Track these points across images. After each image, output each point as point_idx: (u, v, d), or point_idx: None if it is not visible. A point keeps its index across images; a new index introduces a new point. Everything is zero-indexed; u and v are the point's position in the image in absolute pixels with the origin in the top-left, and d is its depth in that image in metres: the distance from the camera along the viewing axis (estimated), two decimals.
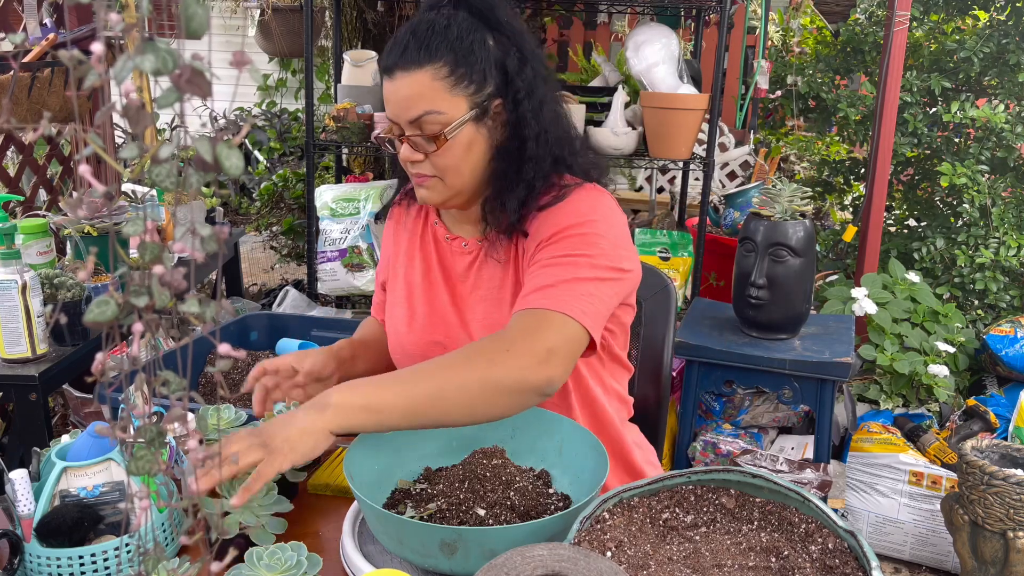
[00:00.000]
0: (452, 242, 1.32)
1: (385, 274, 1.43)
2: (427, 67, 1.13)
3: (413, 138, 1.16)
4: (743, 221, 2.44)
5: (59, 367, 1.79)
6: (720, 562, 0.85)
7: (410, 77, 1.13)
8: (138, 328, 0.45)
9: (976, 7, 3.41)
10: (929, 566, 2.41)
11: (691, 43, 3.85)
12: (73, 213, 1.67)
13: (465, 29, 1.15)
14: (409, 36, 1.14)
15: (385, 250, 1.44)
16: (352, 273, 2.73)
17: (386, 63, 1.16)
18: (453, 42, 1.13)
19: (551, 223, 1.19)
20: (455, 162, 1.17)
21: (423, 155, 1.17)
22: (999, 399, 2.69)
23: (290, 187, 4.57)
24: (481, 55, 1.15)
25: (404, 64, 1.13)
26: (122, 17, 0.42)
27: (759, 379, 2.36)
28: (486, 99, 1.17)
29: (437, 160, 1.17)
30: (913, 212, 3.69)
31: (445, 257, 1.32)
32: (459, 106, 1.15)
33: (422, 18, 1.16)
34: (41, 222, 2.00)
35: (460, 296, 1.29)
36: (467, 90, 1.15)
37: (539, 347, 1.04)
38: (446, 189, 1.20)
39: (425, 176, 1.19)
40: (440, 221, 1.34)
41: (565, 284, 1.11)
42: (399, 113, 1.16)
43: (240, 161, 0.42)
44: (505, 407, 1.05)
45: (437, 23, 1.14)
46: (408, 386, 1.01)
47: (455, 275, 1.31)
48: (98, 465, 1.01)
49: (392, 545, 0.94)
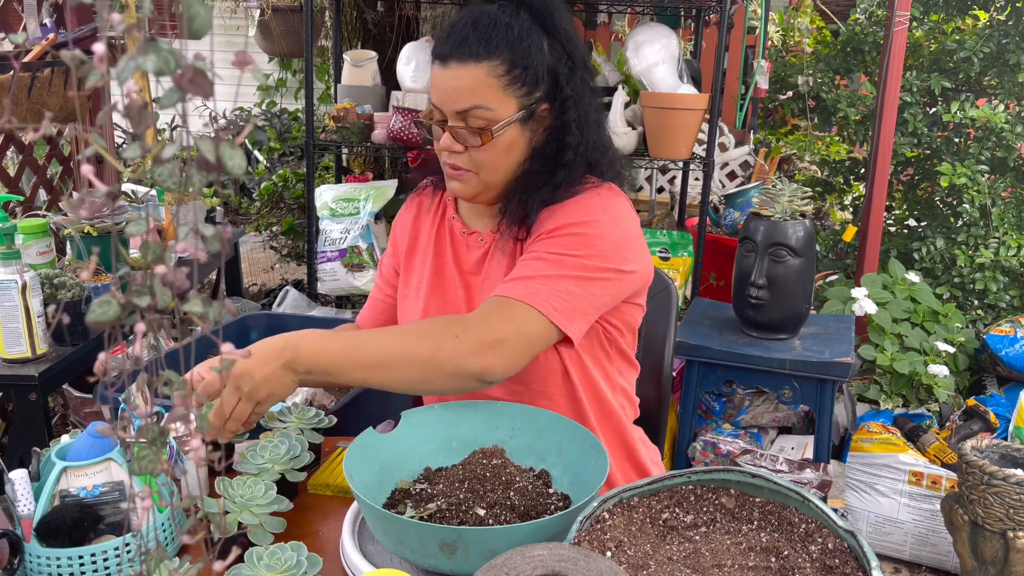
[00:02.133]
0: (469, 237, 1.31)
1: (394, 260, 1.41)
2: (485, 62, 1.12)
3: (457, 129, 1.16)
4: (743, 221, 2.44)
5: (59, 367, 1.79)
6: (720, 562, 0.85)
7: (466, 69, 1.13)
8: (140, 328, 0.45)
9: (976, 7, 3.41)
10: (929, 566, 2.41)
11: (691, 43, 3.85)
12: (74, 213, 1.67)
13: (525, 30, 1.14)
14: (470, 27, 1.13)
15: (398, 239, 1.41)
16: (352, 273, 2.73)
17: (442, 50, 1.15)
18: (513, 41, 1.13)
19: (554, 218, 1.19)
20: (494, 160, 1.17)
21: (463, 147, 1.17)
22: (999, 399, 2.69)
23: (290, 187, 4.57)
24: (537, 58, 1.15)
25: (461, 55, 1.13)
26: (123, 17, 0.42)
27: (759, 379, 2.36)
28: (535, 102, 1.17)
29: (478, 155, 1.17)
30: (913, 212, 3.69)
31: (460, 251, 1.32)
32: (509, 106, 1.15)
33: (484, 11, 1.15)
34: (41, 222, 2.00)
35: (473, 289, 1.29)
36: (519, 91, 1.15)
37: (489, 336, 1.08)
38: (479, 184, 1.20)
39: (461, 169, 1.19)
40: (457, 215, 1.34)
41: (544, 279, 1.12)
42: (447, 102, 1.15)
43: (243, 161, 0.42)
44: (442, 387, 1.11)
45: (499, 19, 1.14)
46: (360, 349, 1.07)
47: (468, 268, 1.31)
48: (98, 465, 1.01)
49: (392, 545, 0.94)
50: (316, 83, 3.61)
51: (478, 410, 1.16)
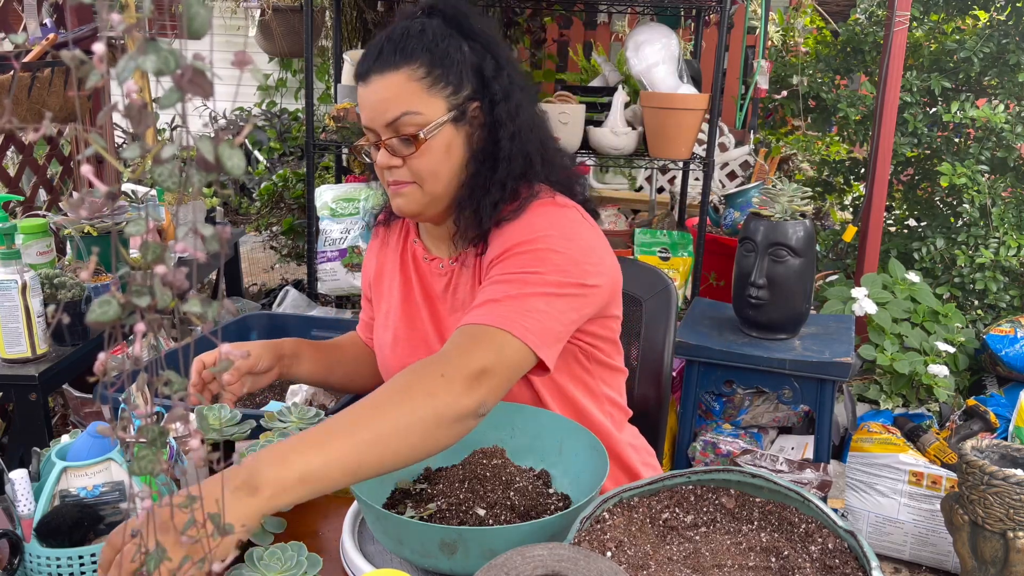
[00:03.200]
0: (431, 263, 1.30)
1: (369, 292, 1.42)
2: (403, 68, 1.13)
3: (389, 142, 1.15)
4: (743, 221, 2.44)
5: (59, 367, 1.79)
6: (720, 562, 0.85)
7: (385, 80, 1.13)
8: (140, 328, 0.45)
9: (976, 7, 3.41)
10: (929, 566, 2.41)
11: (691, 43, 3.85)
12: (74, 213, 1.66)
13: (440, 34, 1.15)
14: (383, 41, 1.14)
15: (367, 268, 1.42)
16: (352, 273, 2.73)
17: (361, 69, 1.16)
18: (428, 44, 1.13)
19: (502, 240, 1.16)
20: (433, 165, 1.16)
21: (401, 160, 1.16)
22: (999, 399, 2.69)
23: (290, 187, 4.57)
24: (457, 58, 1.15)
25: (379, 67, 1.13)
26: (123, 17, 0.42)
27: (759, 379, 2.36)
28: (463, 101, 1.16)
29: (415, 163, 1.15)
30: (913, 212, 3.70)
31: (425, 277, 1.31)
32: (437, 107, 1.14)
33: (396, 25, 1.17)
34: (41, 222, 2.00)
35: (440, 316, 1.29)
36: (444, 91, 1.14)
37: (473, 367, 0.98)
38: (423, 196, 1.18)
39: (402, 183, 1.18)
40: (419, 240, 1.33)
41: (510, 300, 1.06)
42: (375, 117, 1.15)
43: (242, 161, 0.42)
44: (447, 439, 0.97)
45: (411, 28, 1.15)
46: (344, 441, 0.88)
47: (435, 295, 1.30)
48: (98, 465, 1.01)
49: (392, 545, 0.94)
50: (316, 83, 3.61)
51: None
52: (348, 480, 0.89)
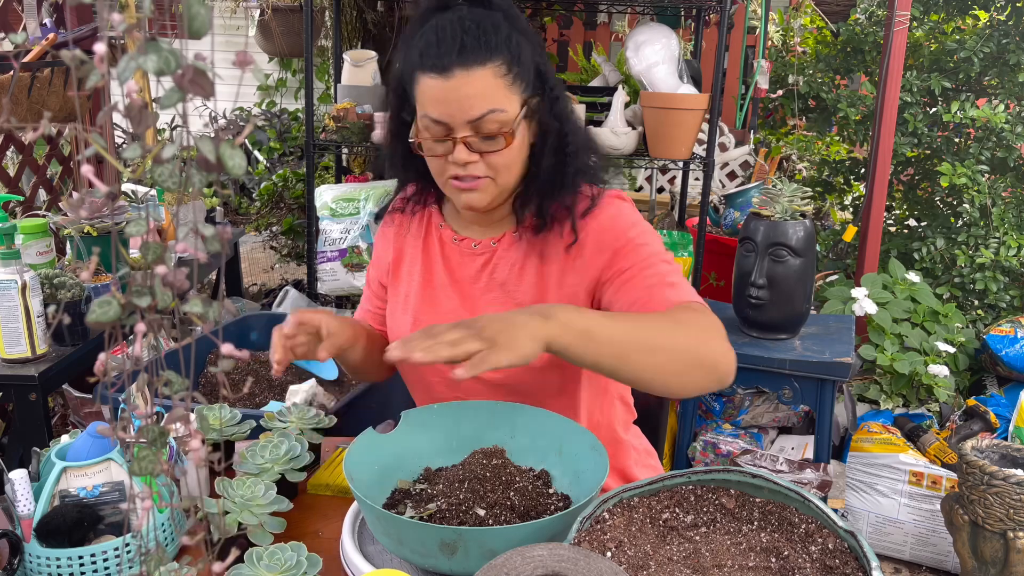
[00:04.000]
0: (461, 243, 1.30)
1: (382, 279, 1.40)
2: (488, 64, 1.11)
3: (470, 139, 1.13)
4: (743, 221, 2.44)
5: (59, 367, 1.79)
6: (720, 562, 0.85)
7: (471, 75, 1.10)
8: (141, 328, 0.45)
9: (976, 7, 3.41)
10: (929, 566, 2.41)
11: (691, 43, 3.85)
12: (74, 213, 1.67)
13: (510, 29, 1.14)
14: (461, 32, 1.11)
15: (381, 255, 1.40)
16: (352, 273, 2.73)
17: (438, 61, 1.10)
18: (505, 39, 1.12)
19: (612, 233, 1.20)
20: (511, 160, 1.16)
21: (478, 155, 1.15)
22: (999, 399, 2.69)
23: (290, 187, 4.57)
24: (525, 54, 1.15)
25: (463, 61, 1.10)
26: (123, 17, 0.42)
27: (759, 379, 2.36)
28: (530, 96, 1.17)
29: (495, 159, 1.15)
30: (913, 212, 3.70)
31: (452, 259, 1.30)
32: (515, 103, 1.14)
33: (461, 16, 1.13)
34: (41, 222, 2.00)
35: (470, 299, 1.28)
36: (519, 87, 1.14)
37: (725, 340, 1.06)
38: (496, 189, 1.19)
39: (478, 178, 1.16)
40: (445, 223, 1.33)
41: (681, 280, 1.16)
42: (456, 113, 1.11)
43: (243, 161, 0.42)
44: (697, 386, 1.04)
45: (484, 21, 1.12)
46: (631, 327, 1.00)
47: (464, 277, 1.29)
48: (98, 465, 1.01)
49: (392, 545, 0.94)
50: (316, 83, 3.61)
51: (478, 410, 1.16)
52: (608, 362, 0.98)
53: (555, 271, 1.23)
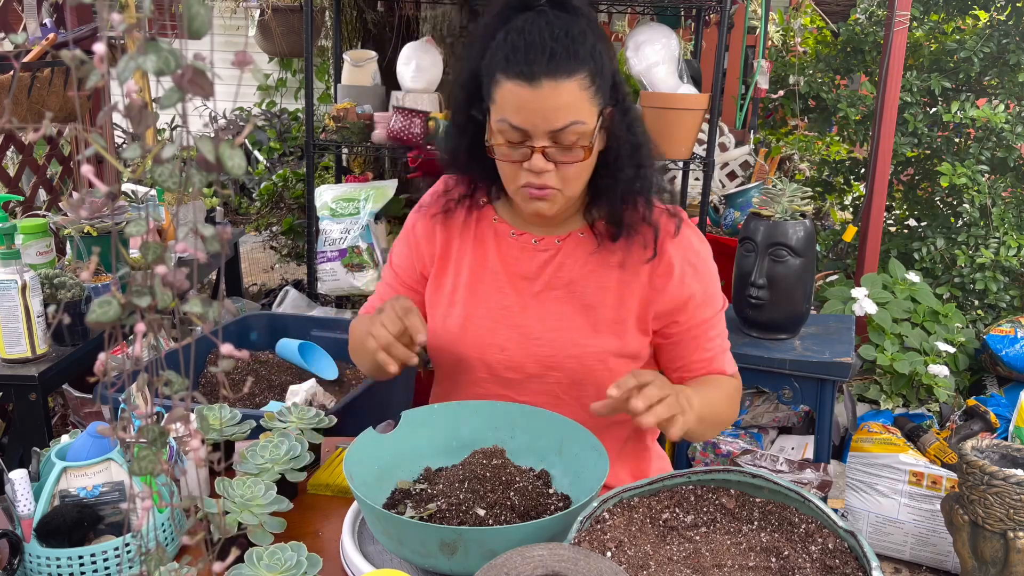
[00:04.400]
0: (520, 237, 1.27)
1: (419, 265, 1.33)
2: (575, 76, 1.08)
3: (549, 149, 1.11)
4: (743, 221, 2.44)
5: (59, 367, 1.79)
6: (720, 562, 0.85)
7: (559, 87, 1.08)
8: (141, 328, 0.45)
9: (976, 7, 3.41)
10: (929, 566, 2.41)
11: (691, 43, 3.85)
12: (74, 213, 1.67)
13: (594, 37, 1.12)
14: (549, 40, 1.08)
15: (421, 247, 1.33)
16: (352, 273, 2.72)
17: (526, 69, 1.07)
18: (591, 50, 1.10)
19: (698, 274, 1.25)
20: (582, 171, 1.15)
21: (553, 165, 1.13)
22: (999, 399, 2.69)
23: (290, 187, 4.58)
24: (606, 63, 1.13)
25: (552, 72, 1.07)
26: (123, 17, 0.42)
27: (759, 379, 2.35)
28: (605, 107, 1.15)
29: (569, 171, 1.14)
30: (913, 212, 3.70)
31: (509, 253, 1.28)
32: (593, 115, 1.12)
33: (549, 21, 1.10)
34: (41, 222, 2.00)
35: (527, 294, 1.26)
36: (598, 99, 1.13)
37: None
38: (563, 199, 1.18)
39: (549, 188, 1.15)
40: (500, 217, 1.30)
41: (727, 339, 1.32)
42: (539, 123, 1.09)
43: (243, 161, 0.42)
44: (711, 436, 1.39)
45: (572, 29, 1.10)
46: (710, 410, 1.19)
47: (522, 272, 1.27)
48: (98, 465, 1.01)
49: (392, 545, 0.94)
50: (316, 83, 3.61)
51: (479, 410, 1.16)
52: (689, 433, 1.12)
53: (636, 283, 1.23)
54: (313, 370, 2.00)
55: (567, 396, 1.25)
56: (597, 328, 1.23)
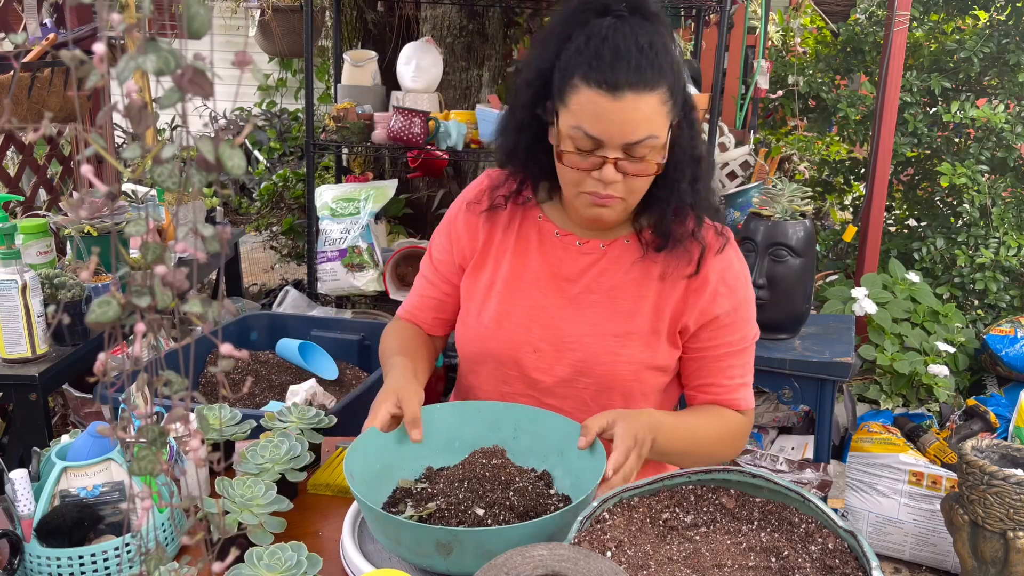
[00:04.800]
0: (564, 238, 1.26)
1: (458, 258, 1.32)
2: (656, 91, 1.07)
3: (621, 162, 1.10)
4: (743, 221, 2.44)
5: (59, 367, 1.79)
6: (720, 562, 0.85)
7: (641, 100, 1.06)
8: (140, 328, 0.45)
9: (976, 7, 3.41)
10: (929, 566, 2.41)
11: (691, 43, 3.85)
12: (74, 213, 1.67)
13: (673, 51, 1.10)
14: (635, 52, 1.06)
15: (461, 239, 1.31)
16: (352, 273, 2.72)
17: (611, 78, 1.05)
18: (672, 64, 1.08)
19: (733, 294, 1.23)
20: (644, 184, 1.14)
21: (622, 176, 1.11)
22: (999, 399, 2.69)
23: (290, 187, 4.58)
24: (680, 78, 1.11)
25: (636, 84, 1.05)
26: (123, 17, 0.42)
27: (759, 379, 2.35)
28: (675, 120, 1.14)
29: (636, 182, 1.12)
30: (913, 212, 3.70)
31: (553, 253, 1.26)
32: (666, 129, 1.11)
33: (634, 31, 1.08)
34: (41, 222, 2.00)
35: (569, 296, 1.24)
36: (672, 113, 1.11)
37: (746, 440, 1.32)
38: (623, 207, 1.17)
39: (614, 197, 1.14)
40: (545, 216, 1.28)
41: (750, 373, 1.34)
42: (616, 134, 1.07)
43: (242, 161, 0.42)
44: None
45: (655, 41, 1.08)
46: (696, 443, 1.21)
47: (563, 273, 1.25)
48: (98, 465, 1.01)
49: (390, 545, 0.94)
50: (316, 83, 3.61)
51: (481, 411, 1.16)
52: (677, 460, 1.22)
53: (673, 295, 1.22)
54: (313, 370, 2.00)
55: (594, 403, 1.24)
56: (632, 338, 1.22)
